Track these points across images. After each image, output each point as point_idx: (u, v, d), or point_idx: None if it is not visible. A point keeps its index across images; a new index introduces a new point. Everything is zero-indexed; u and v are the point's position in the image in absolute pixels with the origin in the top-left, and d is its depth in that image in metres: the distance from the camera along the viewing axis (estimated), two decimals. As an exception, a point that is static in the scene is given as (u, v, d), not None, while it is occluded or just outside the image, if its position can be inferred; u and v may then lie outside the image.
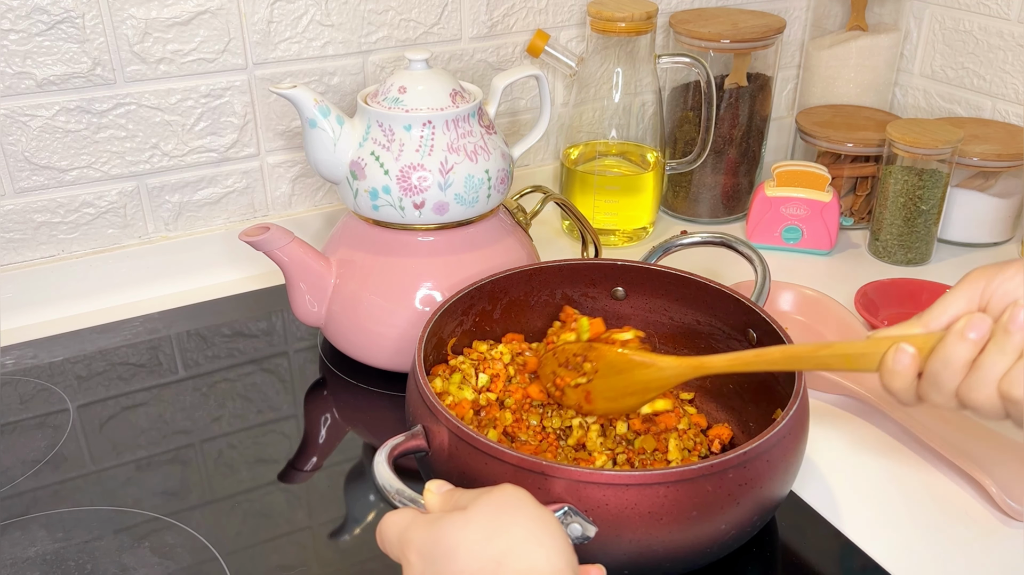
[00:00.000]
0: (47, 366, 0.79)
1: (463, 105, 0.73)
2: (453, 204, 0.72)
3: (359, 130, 0.73)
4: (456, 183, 0.72)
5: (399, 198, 0.72)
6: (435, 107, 0.72)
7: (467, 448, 0.53)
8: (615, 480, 0.49)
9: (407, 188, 0.71)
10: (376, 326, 0.74)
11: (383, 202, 0.72)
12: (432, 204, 0.72)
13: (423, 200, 0.72)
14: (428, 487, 0.47)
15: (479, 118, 0.74)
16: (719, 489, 0.51)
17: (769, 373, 0.62)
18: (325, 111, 0.72)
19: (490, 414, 0.64)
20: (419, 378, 0.58)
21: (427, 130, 0.71)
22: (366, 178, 0.72)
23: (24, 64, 0.78)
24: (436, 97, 0.72)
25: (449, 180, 0.72)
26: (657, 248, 0.76)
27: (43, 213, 0.84)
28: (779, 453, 0.53)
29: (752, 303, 0.64)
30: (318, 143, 0.73)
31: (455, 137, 0.72)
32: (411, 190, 0.71)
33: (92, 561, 0.59)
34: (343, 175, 0.74)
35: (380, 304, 0.73)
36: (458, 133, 0.72)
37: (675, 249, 0.76)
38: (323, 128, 0.72)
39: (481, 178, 0.73)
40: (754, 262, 0.71)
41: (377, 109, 0.72)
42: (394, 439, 0.55)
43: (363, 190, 0.73)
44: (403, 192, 0.71)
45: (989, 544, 0.61)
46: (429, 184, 0.71)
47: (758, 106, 1.01)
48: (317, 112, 0.71)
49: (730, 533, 0.53)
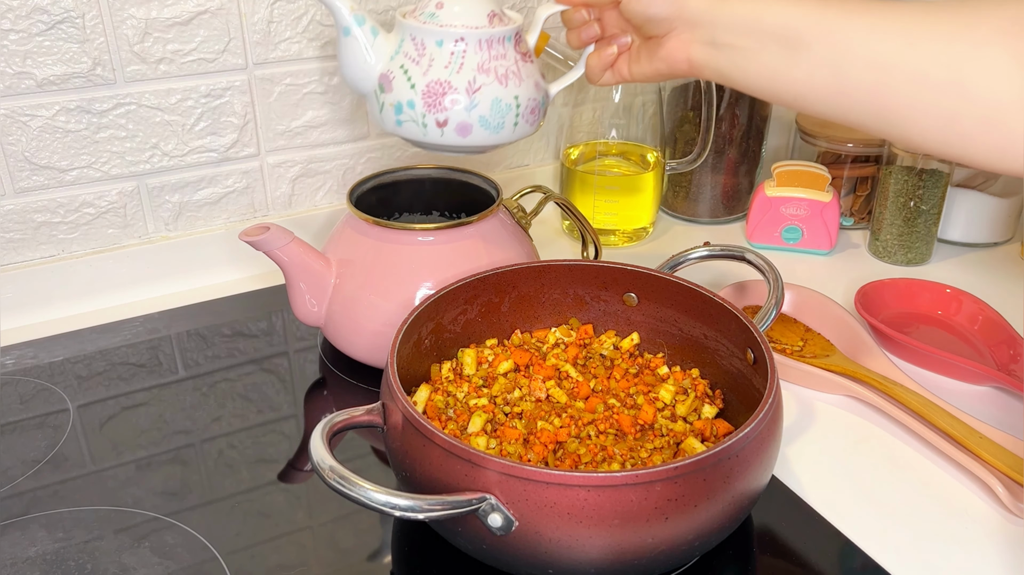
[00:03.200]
0: (47, 366, 0.79)
1: (499, 27, 0.70)
2: (476, 126, 0.70)
3: (392, 43, 0.71)
4: (482, 104, 0.69)
5: (422, 114, 0.70)
6: (470, 25, 0.69)
7: (411, 429, 0.54)
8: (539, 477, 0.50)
9: (431, 104, 0.69)
10: (376, 326, 0.74)
11: (407, 117, 0.70)
12: (455, 124, 0.70)
13: (446, 119, 0.69)
14: None
15: (515, 43, 0.72)
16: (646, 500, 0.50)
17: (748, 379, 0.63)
18: (360, 20, 0.70)
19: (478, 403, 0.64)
20: (391, 358, 0.59)
21: (459, 47, 0.69)
22: (392, 91, 0.70)
23: (24, 64, 0.78)
24: (472, 16, 0.70)
25: (475, 101, 0.69)
26: (676, 257, 0.75)
27: (43, 213, 0.84)
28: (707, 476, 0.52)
29: (751, 324, 0.64)
30: (350, 52, 0.71)
31: (487, 58, 0.70)
32: (435, 107, 0.69)
33: (92, 561, 0.59)
34: (371, 88, 0.72)
35: (380, 304, 0.74)
36: (491, 55, 0.70)
37: (688, 263, 0.75)
38: (356, 37, 0.70)
39: (509, 103, 0.70)
40: (768, 276, 0.71)
41: (411, 23, 0.70)
42: (348, 411, 0.56)
43: (388, 103, 0.71)
44: (427, 108, 0.69)
45: (991, 543, 0.61)
46: (454, 102, 0.69)
47: (758, 106, 1.01)
48: (352, 20, 0.70)
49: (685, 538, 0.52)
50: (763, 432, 0.54)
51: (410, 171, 0.84)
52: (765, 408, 0.55)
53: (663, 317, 0.72)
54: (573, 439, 0.61)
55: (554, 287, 0.73)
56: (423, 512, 0.49)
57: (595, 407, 0.65)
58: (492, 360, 0.69)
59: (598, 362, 0.71)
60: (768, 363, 0.59)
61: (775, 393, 0.57)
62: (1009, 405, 0.74)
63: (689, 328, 0.70)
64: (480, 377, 0.68)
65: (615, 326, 0.74)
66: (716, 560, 0.59)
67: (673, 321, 0.71)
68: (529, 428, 0.62)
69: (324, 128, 0.93)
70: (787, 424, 0.72)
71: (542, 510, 0.50)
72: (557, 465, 0.60)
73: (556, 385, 0.67)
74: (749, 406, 0.62)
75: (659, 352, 0.73)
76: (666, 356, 0.72)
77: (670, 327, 0.72)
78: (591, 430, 0.62)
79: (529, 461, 0.59)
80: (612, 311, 0.74)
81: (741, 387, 0.65)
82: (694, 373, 0.70)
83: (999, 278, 0.93)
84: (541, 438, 0.61)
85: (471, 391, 0.66)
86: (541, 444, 0.60)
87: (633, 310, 0.73)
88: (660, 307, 0.72)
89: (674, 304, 0.71)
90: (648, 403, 0.65)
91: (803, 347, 0.80)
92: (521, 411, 0.64)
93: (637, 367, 0.70)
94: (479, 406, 0.64)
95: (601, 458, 0.60)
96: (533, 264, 0.72)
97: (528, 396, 0.66)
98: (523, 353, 0.70)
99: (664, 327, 0.72)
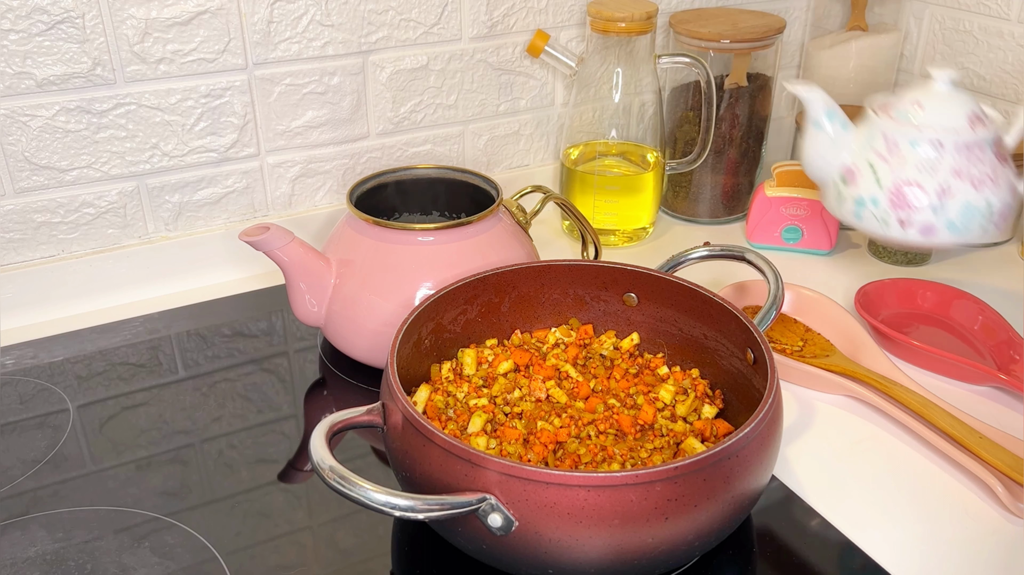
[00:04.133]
0: (47, 366, 0.79)
1: (980, 131, 0.70)
2: (942, 229, 0.70)
3: (861, 137, 0.72)
4: (952, 208, 0.69)
5: (886, 211, 0.70)
6: (948, 128, 0.69)
7: (411, 429, 0.54)
8: (539, 477, 0.50)
9: (897, 204, 0.70)
10: (376, 326, 0.74)
11: (868, 212, 0.71)
12: (920, 225, 0.70)
13: (911, 219, 0.70)
14: None
15: (994, 146, 0.71)
16: (646, 500, 0.50)
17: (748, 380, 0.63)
18: (831, 114, 0.70)
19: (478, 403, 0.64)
20: (391, 358, 0.59)
21: (934, 150, 0.69)
22: (855, 185, 0.71)
23: (24, 64, 0.78)
24: (952, 117, 0.70)
25: (945, 204, 0.69)
26: (676, 257, 0.75)
27: (43, 213, 0.84)
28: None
29: (751, 324, 0.64)
30: (817, 143, 0.72)
31: (963, 163, 0.69)
32: (901, 207, 0.70)
33: (92, 561, 0.59)
34: (832, 178, 0.73)
35: (380, 304, 0.74)
36: (968, 159, 0.69)
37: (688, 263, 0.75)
38: (826, 130, 0.71)
39: (981, 208, 0.70)
40: (768, 276, 0.71)
41: (886, 121, 0.70)
42: (348, 411, 0.57)
43: (850, 196, 0.72)
44: (892, 207, 0.70)
45: (991, 543, 0.61)
46: (922, 204, 0.69)
47: (758, 106, 1.01)
48: (824, 114, 0.71)
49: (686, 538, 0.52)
50: (763, 432, 0.54)
51: (410, 171, 0.84)
52: (765, 408, 0.55)
53: (663, 317, 0.72)
54: (573, 439, 0.61)
55: (554, 287, 0.73)
56: (423, 512, 0.49)
57: (595, 407, 0.65)
58: (492, 360, 0.69)
59: (598, 362, 0.71)
60: (768, 363, 0.59)
61: (775, 393, 0.57)
62: (1009, 405, 0.74)
63: (689, 328, 0.70)
64: (480, 377, 0.68)
65: (615, 326, 0.74)
66: (716, 560, 0.59)
67: (673, 321, 0.71)
68: (529, 428, 0.62)
69: (324, 128, 0.93)
70: (787, 424, 0.72)
71: (542, 510, 0.50)
72: (557, 465, 0.60)
73: (556, 385, 0.67)
74: (749, 406, 0.62)
75: (659, 352, 0.73)
76: (666, 356, 0.72)
77: (670, 327, 0.72)
78: (591, 430, 0.62)
79: (529, 461, 0.59)
80: (612, 311, 0.74)
81: (741, 387, 0.65)
82: (694, 373, 0.70)
83: (999, 278, 0.93)
84: (541, 438, 0.61)
85: (471, 391, 0.66)
86: (541, 444, 0.60)
87: (633, 310, 0.73)
88: (660, 307, 0.72)
89: (674, 304, 0.71)
90: (648, 403, 0.65)
91: (803, 347, 0.80)
92: (521, 411, 0.64)
93: (637, 367, 0.70)
94: (479, 406, 0.64)
95: (601, 458, 0.60)
96: (533, 264, 0.72)
97: (528, 396, 0.66)
98: (523, 353, 0.70)
99: (664, 327, 0.72)
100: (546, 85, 1.03)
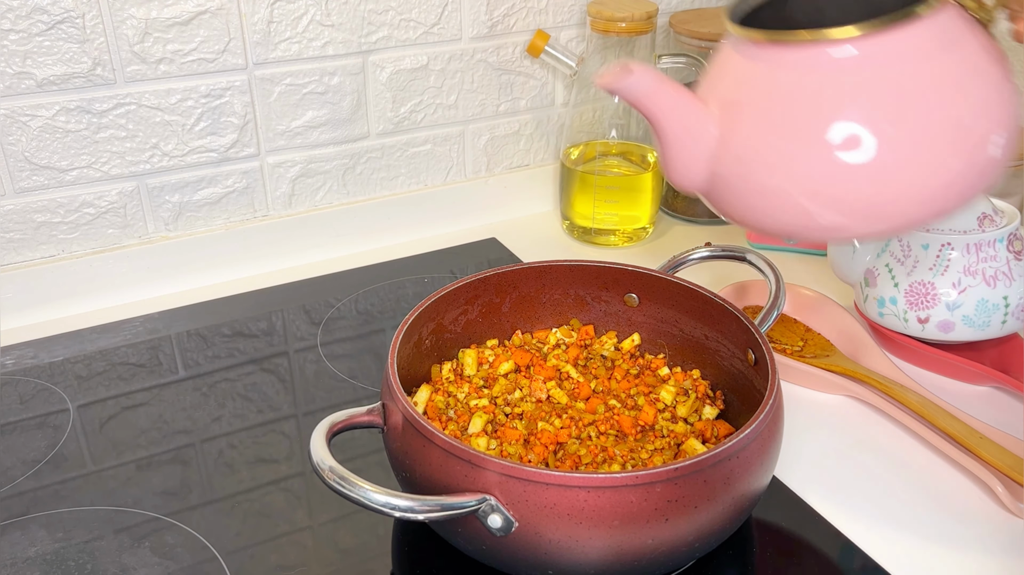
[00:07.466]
0: (47, 366, 0.79)
1: (990, 230, 0.73)
2: (959, 324, 0.74)
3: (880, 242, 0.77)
4: (966, 305, 0.73)
5: (904, 310, 0.75)
6: (957, 230, 0.73)
7: (411, 429, 0.54)
8: (539, 478, 0.50)
9: (914, 303, 0.74)
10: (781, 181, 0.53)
11: (888, 311, 0.76)
12: (937, 321, 0.74)
13: (928, 316, 0.74)
14: None
15: (1008, 242, 0.74)
16: (646, 501, 0.50)
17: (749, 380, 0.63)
18: None
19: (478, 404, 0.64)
20: (391, 357, 0.59)
21: (944, 251, 0.73)
22: (876, 286, 0.76)
23: (24, 64, 0.78)
24: (961, 219, 0.73)
25: (959, 302, 0.73)
26: (677, 258, 0.75)
27: (43, 213, 0.84)
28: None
29: (751, 324, 0.64)
30: (841, 250, 0.80)
31: (974, 261, 0.73)
32: (918, 305, 0.74)
33: (92, 561, 0.59)
34: (858, 280, 0.79)
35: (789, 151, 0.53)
36: (979, 257, 0.73)
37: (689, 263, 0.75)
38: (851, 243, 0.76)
39: (997, 303, 0.73)
40: (769, 277, 0.71)
41: None
42: (348, 411, 0.57)
43: (872, 296, 0.77)
44: (909, 306, 0.74)
45: (991, 543, 0.61)
46: (937, 302, 0.73)
47: (758, 106, 1.01)
48: None
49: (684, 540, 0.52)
50: (764, 433, 0.54)
51: None
52: (766, 409, 0.55)
53: (664, 318, 0.72)
54: (573, 440, 0.61)
55: (555, 288, 0.73)
56: (423, 513, 0.50)
57: (596, 408, 0.65)
58: (493, 361, 0.69)
59: (599, 363, 0.71)
60: (769, 364, 0.59)
61: (776, 394, 0.57)
62: (1009, 405, 0.74)
63: (690, 329, 0.70)
64: (481, 378, 0.68)
65: (616, 327, 0.74)
66: (716, 560, 0.59)
67: (674, 322, 0.71)
68: (529, 429, 0.62)
69: (324, 128, 0.93)
70: (787, 424, 0.71)
71: (542, 511, 0.50)
72: (557, 466, 0.60)
73: (557, 386, 0.67)
74: (750, 407, 0.62)
75: (660, 353, 0.73)
76: (667, 357, 0.72)
77: (671, 328, 0.72)
78: (592, 431, 0.62)
79: (529, 462, 0.59)
80: (613, 312, 0.74)
81: (742, 388, 0.65)
82: (695, 374, 0.70)
83: (999, 278, 0.93)
84: (541, 439, 0.61)
85: (472, 392, 0.66)
86: (541, 445, 0.60)
87: (634, 311, 0.73)
88: (661, 308, 0.72)
89: (675, 305, 0.71)
90: (649, 404, 0.65)
91: (803, 347, 0.80)
92: (522, 412, 0.64)
93: (638, 368, 0.70)
94: (479, 407, 0.64)
95: (601, 459, 0.60)
96: (534, 264, 0.72)
97: (529, 397, 0.66)
98: (524, 354, 0.70)
99: (665, 328, 0.72)
100: (546, 85, 1.03)
